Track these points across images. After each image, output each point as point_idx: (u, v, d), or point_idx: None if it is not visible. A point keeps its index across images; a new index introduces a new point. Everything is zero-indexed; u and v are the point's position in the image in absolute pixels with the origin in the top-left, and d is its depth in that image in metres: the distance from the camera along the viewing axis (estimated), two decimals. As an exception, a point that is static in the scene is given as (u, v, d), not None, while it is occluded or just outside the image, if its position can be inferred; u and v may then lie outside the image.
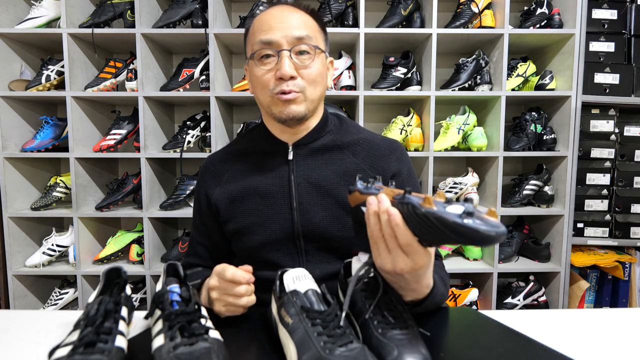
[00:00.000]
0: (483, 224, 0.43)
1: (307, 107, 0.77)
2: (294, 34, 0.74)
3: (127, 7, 1.71)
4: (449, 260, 1.86)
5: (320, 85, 0.79)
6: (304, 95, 0.76)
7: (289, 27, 0.74)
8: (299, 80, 0.75)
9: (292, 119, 0.76)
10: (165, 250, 1.87)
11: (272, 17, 0.76)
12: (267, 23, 0.75)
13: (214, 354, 0.48)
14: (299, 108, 0.76)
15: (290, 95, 0.74)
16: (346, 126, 0.88)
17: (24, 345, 0.63)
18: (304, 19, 0.77)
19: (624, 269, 1.76)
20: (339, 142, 0.84)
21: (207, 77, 1.75)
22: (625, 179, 1.76)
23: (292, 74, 0.73)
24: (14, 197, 1.73)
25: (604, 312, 0.74)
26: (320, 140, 0.83)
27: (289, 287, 0.59)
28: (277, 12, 0.76)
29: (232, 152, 0.89)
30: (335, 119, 0.89)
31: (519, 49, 1.90)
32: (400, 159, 0.86)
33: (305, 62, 0.75)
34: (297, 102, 0.76)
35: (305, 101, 0.77)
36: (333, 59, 0.88)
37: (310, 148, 0.83)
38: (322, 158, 0.82)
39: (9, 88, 1.71)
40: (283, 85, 0.74)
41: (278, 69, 0.74)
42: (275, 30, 0.74)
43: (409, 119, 1.77)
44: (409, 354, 0.49)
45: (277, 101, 0.76)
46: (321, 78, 0.79)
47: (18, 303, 1.75)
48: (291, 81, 0.74)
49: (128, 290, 0.63)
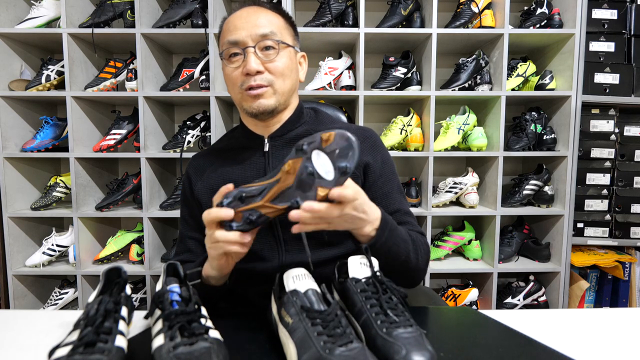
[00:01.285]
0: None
1: (277, 100, 0.80)
2: (258, 32, 0.77)
3: (127, 7, 1.71)
4: (449, 260, 1.86)
5: (289, 78, 0.81)
6: (272, 88, 0.79)
7: (253, 25, 0.78)
8: (267, 74, 0.78)
9: (263, 112, 0.79)
10: (165, 250, 1.87)
11: (238, 18, 0.80)
12: (234, 24, 0.79)
13: (214, 354, 0.48)
14: (268, 102, 0.79)
15: (259, 90, 0.78)
16: (321, 117, 0.91)
17: (24, 345, 0.63)
18: (268, 18, 0.80)
19: (624, 269, 1.76)
20: (313, 131, 0.86)
21: (207, 77, 1.75)
22: (625, 179, 1.76)
23: (258, 69, 0.76)
24: (14, 197, 1.73)
25: (604, 312, 0.74)
26: (294, 131, 0.86)
27: (289, 287, 0.59)
28: (244, 12, 0.81)
29: (213, 150, 0.93)
30: (311, 111, 0.92)
31: (519, 49, 1.90)
32: (374, 148, 0.86)
33: (271, 57, 0.78)
34: (265, 96, 0.79)
35: (275, 94, 0.80)
36: (305, 54, 0.90)
37: (285, 139, 0.85)
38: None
39: (9, 88, 1.71)
40: (250, 80, 0.77)
41: (245, 65, 0.77)
42: (240, 30, 0.78)
43: (409, 119, 1.77)
44: (416, 352, 0.49)
45: (246, 97, 0.79)
46: (289, 71, 0.81)
47: (18, 303, 1.75)
48: (258, 76, 0.77)
49: (128, 290, 0.63)
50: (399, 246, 0.72)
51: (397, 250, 0.72)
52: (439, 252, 1.85)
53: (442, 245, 1.86)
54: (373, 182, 0.85)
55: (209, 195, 0.84)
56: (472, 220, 1.92)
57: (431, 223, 1.74)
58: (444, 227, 1.99)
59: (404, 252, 0.73)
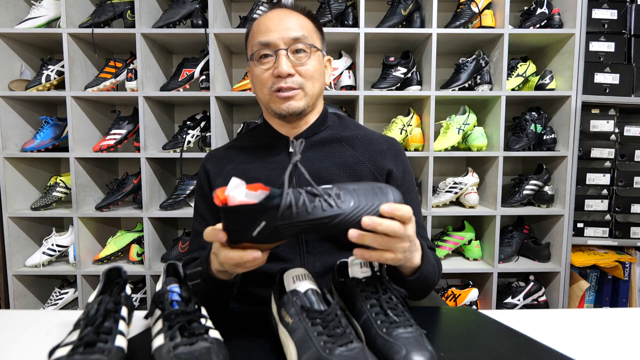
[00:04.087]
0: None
1: (306, 102, 0.81)
2: (290, 35, 0.77)
3: (127, 7, 1.71)
4: (449, 260, 1.86)
5: (318, 81, 0.82)
6: (303, 91, 0.80)
7: (285, 28, 0.78)
8: (297, 77, 0.79)
9: (292, 114, 0.80)
10: (165, 250, 1.87)
11: (269, 19, 0.80)
12: (265, 25, 0.79)
13: (214, 354, 0.48)
14: (298, 104, 0.79)
15: (289, 92, 0.78)
16: (345, 123, 0.92)
17: (24, 345, 0.63)
18: (299, 21, 0.80)
19: (624, 269, 1.76)
20: (338, 136, 0.87)
21: (207, 77, 1.75)
22: (625, 179, 1.76)
23: (289, 72, 0.77)
24: (14, 197, 1.73)
25: (604, 312, 0.74)
26: (320, 134, 0.87)
27: (289, 287, 0.59)
28: (275, 14, 0.80)
29: (234, 147, 0.92)
30: (335, 117, 0.93)
31: (519, 49, 1.90)
32: (397, 157, 0.88)
33: (302, 60, 0.79)
34: (296, 99, 0.79)
35: (305, 97, 0.80)
36: (331, 57, 0.90)
37: (311, 141, 0.86)
38: (322, 150, 0.85)
39: (9, 88, 1.71)
40: (281, 82, 0.78)
41: (276, 67, 0.77)
42: (273, 32, 0.78)
43: (409, 118, 1.77)
44: (417, 352, 0.49)
45: (275, 98, 0.79)
46: (319, 74, 0.82)
47: (18, 303, 1.75)
48: (289, 78, 0.78)
49: (128, 290, 0.63)
50: (431, 273, 0.70)
51: (429, 277, 0.70)
52: (439, 252, 1.85)
53: (442, 245, 1.86)
54: None
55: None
56: (472, 220, 1.92)
57: (431, 223, 1.74)
58: (444, 227, 1.99)
59: (433, 276, 0.72)
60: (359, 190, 0.54)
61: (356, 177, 0.84)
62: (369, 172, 0.84)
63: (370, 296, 0.58)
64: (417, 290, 0.70)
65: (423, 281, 0.69)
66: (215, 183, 0.87)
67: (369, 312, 0.56)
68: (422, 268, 0.66)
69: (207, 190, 0.89)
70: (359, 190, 0.54)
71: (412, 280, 0.67)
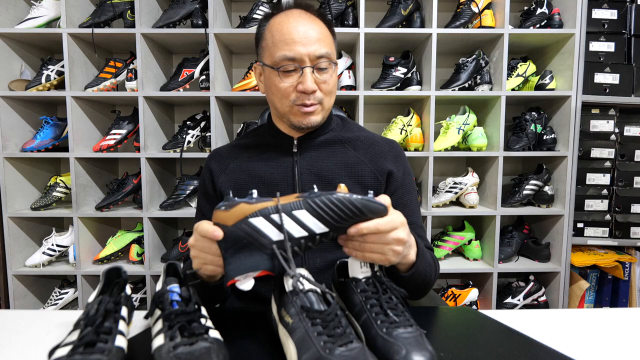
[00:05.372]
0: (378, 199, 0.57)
1: (323, 116, 0.84)
2: (316, 53, 0.78)
3: (127, 7, 1.71)
4: (449, 260, 1.86)
5: (334, 95, 0.85)
6: (322, 106, 0.82)
7: (311, 42, 0.78)
8: (318, 92, 0.80)
9: (310, 128, 0.83)
10: (165, 250, 1.87)
11: (294, 28, 0.78)
12: (290, 37, 0.77)
13: (214, 354, 0.48)
14: (317, 118, 0.82)
15: (311, 108, 0.80)
16: (348, 125, 0.94)
17: (24, 345, 0.63)
18: (322, 31, 0.80)
19: (624, 269, 1.76)
20: (340, 137, 0.89)
21: (207, 77, 1.75)
22: (625, 179, 1.76)
23: (314, 89, 0.79)
24: (14, 197, 1.73)
25: (604, 312, 0.74)
26: (323, 136, 0.89)
27: (289, 287, 0.59)
28: (300, 24, 0.78)
29: (238, 145, 0.93)
30: (338, 119, 0.95)
31: (519, 49, 1.90)
32: (398, 158, 0.89)
33: (324, 77, 0.80)
34: (315, 113, 0.82)
35: (322, 111, 0.83)
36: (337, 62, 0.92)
37: (314, 142, 0.88)
38: (325, 151, 0.87)
39: (9, 88, 1.71)
40: (305, 99, 0.79)
41: (301, 82, 0.78)
42: (299, 46, 0.77)
43: (409, 118, 1.77)
44: (417, 352, 0.49)
45: (297, 112, 0.81)
46: (335, 88, 0.85)
47: (18, 303, 1.75)
48: (312, 95, 0.80)
49: (128, 290, 0.63)
50: (427, 270, 0.73)
51: (425, 274, 0.73)
52: (439, 252, 1.85)
53: (442, 245, 1.86)
54: (394, 191, 0.87)
55: (233, 190, 0.85)
56: (472, 220, 1.92)
57: (431, 223, 1.74)
58: (444, 227, 1.99)
59: (429, 274, 0.74)
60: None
61: (357, 177, 0.85)
62: (370, 172, 0.86)
63: (370, 296, 0.58)
64: (413, 287, 0.70)
65: (418, 278, 0.70)
66: (219, 181, 0.88)
67: (369, 312, 0.56)
68: (417, 264, 0.68)
69: (210, 189, 0.90)
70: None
71: (407, 276, 0.68)
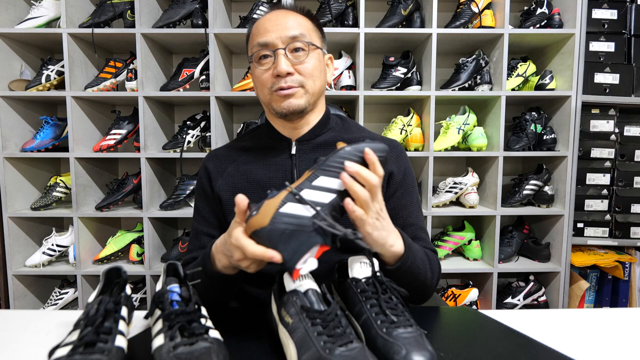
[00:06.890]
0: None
1: (307, 100, 0.80)
2: (288, 34, 0.78)
3: (127, 7, 1.71)
4: (449, 260, 1.86)
5: (318, 79, 0.82)
6: (303, 89, 0.79)
7: (283, 28, 0.78)
8: (297, 75, 0.78)
9: (293, 112, 0.80)
10: (165, 250, 1.87)
11: (267, 20, 0.80)
12: (264, 26, 0.80)
13: (214, 354, 0.48)
14: (299, 101, 0.79)
15: (290, 90, 0.78)
16: (348, 125, 0.92)
17: (24, 345, 0.63)
18: (297, 20, 0.81)
19: (624, 269, 1.76)
20: (340, 138, 0.87)
21: (207, 77, 1.75)
22: (625, 179, 1.76)
23: (288, 70, 0.77)
24: (14, 197, 1.73)
25: (604, 312, 0.74)
26: (322, 137, 0.87)
27: (289, 287, 0.59)
28: (273, 16, 0.81)
29: (235, 147, 0.91)
30: (337, 118, 0.93)
31: (519, 49, 1.90)
32: (398, 159, 0.88)
33: (301, 58, 0.79)
34: (296, 96, 0.79)
35: (305, 94, 0.80)
36: (332, 56, 0.91)
37: (313, 143, 0.86)
38: (324, 152, 0.85)
39: (9, 88, 1.71)
40: (281, 82, 0.78)
41: (275, 66, 0.77)
42: (271, 32, 0.78)
43: (409, 118, 1.77)
44: (417, 352, 0.49)
45: (276, 97, 0.79)
46: (319, 72, 0.82)
47: (18, 303, 1.75)
48: (289, 77, 0.78)
49: (128, 290, 0.63)
50: (419, 267, 0.72)
51: (418, 272, 0.72)
52: (439, 252, 1.85)
53: (442, 245, 1.86)
54: (394, 191, 0.85)
55: (230, 194, 0.84)
56: (472, 220, 1.92)
57: (431, 223, 1.74)
58: (444, 227, 1.99)
59: (423, 273, 0.74)
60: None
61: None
62: None
63: (370, 296, 0.58)
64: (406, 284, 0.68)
65: (409, 275, 0.70)
66: (217, 183, 0.86)
67: (368, 312, 0.56)
68: (404, 258, 0.68)
69: (207, 190, 0.88)
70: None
71: (394, 269, 0.68)
